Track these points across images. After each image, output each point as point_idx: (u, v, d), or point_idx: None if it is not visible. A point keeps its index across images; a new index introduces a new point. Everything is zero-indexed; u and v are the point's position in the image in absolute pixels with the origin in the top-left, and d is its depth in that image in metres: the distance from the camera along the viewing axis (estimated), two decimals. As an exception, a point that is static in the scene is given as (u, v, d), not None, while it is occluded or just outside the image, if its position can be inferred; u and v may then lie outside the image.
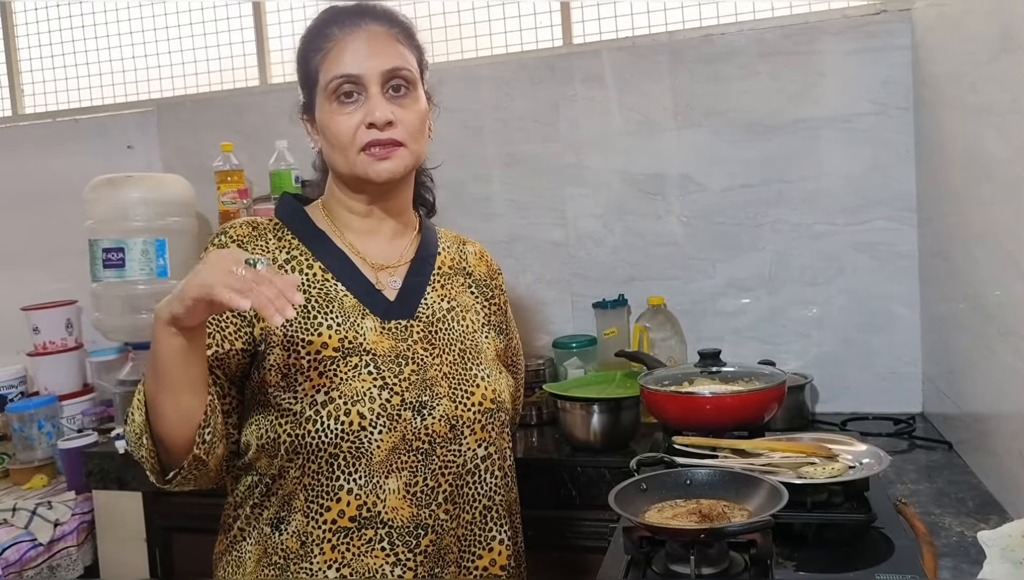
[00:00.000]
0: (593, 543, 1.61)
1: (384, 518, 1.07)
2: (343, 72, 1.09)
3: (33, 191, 2.63)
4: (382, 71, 1.10)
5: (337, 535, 1.06)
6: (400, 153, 1.11)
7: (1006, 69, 1.22)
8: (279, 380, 1.07)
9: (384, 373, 1.09)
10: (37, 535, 1.89)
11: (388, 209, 1.20)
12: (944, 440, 1.69)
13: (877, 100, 1.90)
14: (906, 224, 1.90)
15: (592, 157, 2.12)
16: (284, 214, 1.20)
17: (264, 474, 1.09)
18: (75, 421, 2.21)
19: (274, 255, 1.14)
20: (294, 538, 1.07)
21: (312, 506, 1.06)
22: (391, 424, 1.07)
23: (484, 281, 1.29)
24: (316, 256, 1.15)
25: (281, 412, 1.06)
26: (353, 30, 1.11)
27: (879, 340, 1.95)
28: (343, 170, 1.13)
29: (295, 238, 1.17)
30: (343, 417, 1.05)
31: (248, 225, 1.16)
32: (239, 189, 2.20)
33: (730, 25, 2.03)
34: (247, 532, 1.12)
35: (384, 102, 1.10)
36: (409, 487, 1.08)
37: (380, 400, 1.07)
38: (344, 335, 1.10)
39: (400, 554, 1.07)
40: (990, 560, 0.89)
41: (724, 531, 1.01)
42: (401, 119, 1.11)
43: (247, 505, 1.12)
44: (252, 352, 1.10)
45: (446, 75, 2.20)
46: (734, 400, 1.49)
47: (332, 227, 1.19)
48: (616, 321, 2.05)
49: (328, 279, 1.14)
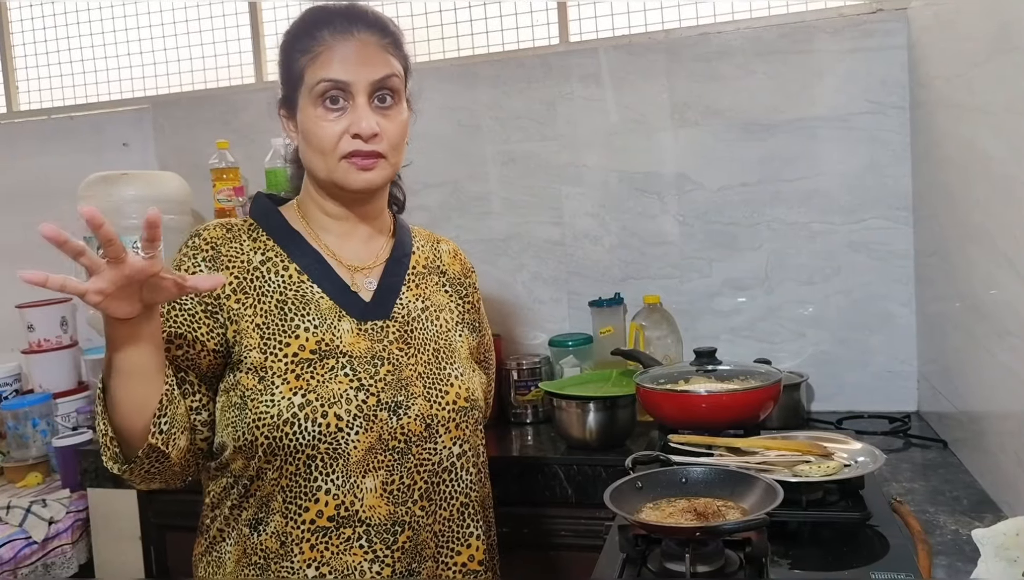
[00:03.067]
0: (589, 541, 1.61)
1: (362, 516, 1.07)
2: (331, 77, 1.08)
3: (28, 188, 2.62)
4: (371, 81, 1.09)
5: (316, 535, 1.07)
6: (381, 164, 1.11)
7: (1002, 69, 1.23)
8: (256, 383, 1.07)
9: (360, 374, 1.09)
10: (31, 533, 1.89)
11: (363, 214, 1.19)
12: (939, 439, 1.69)
13: (873, 99, 1.91)
14: (902, 223, 1.91)
15: (589, 156, 2.12)
16: (258, 214, 1.19)
17: (241, 475, 1.09)
18: (70, 419, 2.20)
19: (249, 257, 1.13)
20: (273, 538, 1.07)
21: (291, 507, 1.06)
22: (367, 425, 1.07)
23: (458, 279, 1.29)
24: (292, 258, 1.15)
25: (258, 415, 1.05)
26: (344, 36, 1.10)
27: (875, 339, 1.95)
28: (321, 175, 1.13)
29: (270, 239, 1.16)
30: (320, 419, 1.05)
31: (222, 226, 1.16)
32: (234, 187, 2.20)
33: (727, 24, 2.03)
34: (226, 533, 1.12)
35: (370, 113, 1.09)
36: (386, 486, 1.08)
37: (356, 401, 1.07)
38: (321, 337, 1.10)
39: (378, 551, 1.08)
40: (984, 558, 0.89)
41: (719, 529, 1.01)
42: (385, 130, 1.10)
43: (224, 506, 1.12)
44: (225, 354, 1.10)
45: (443, 73, 2.21)
46: (730, 399, 1.49)
47: (307, 228, 1.18)
48: (612, 319, 2.05)
49: (304, 281, 1.14)
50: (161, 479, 1.08)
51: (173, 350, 1.08)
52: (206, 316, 1.09)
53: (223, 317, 1.09)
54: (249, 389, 1.07)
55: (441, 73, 2.21)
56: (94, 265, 0.86)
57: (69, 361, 2.35)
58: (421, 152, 2.16)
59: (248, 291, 1.11)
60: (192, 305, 1.09)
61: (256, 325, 1.09)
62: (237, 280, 1.11)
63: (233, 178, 2.20)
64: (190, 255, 1.12)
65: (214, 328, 1.09)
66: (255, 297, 1.11)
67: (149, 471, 1.04)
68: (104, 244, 0.84)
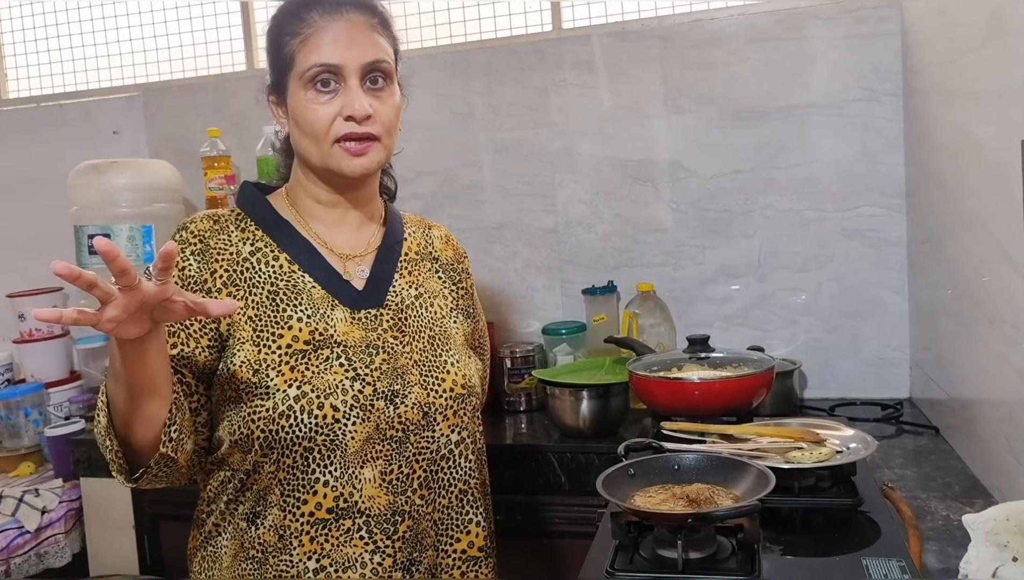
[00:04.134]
0: (581, 528, 1.61)
1: (361, 507, 1.07)
2: (322, 61, 1.07)
3: (17, 177, 2.60)
4: (363, 63, 1.08)
5: (315, 527, 1.06)
6: (375, 148, 1.10)
7: (994, 56, 1.22)
8: (250, 376, 1.06)
9: (355, 364, 1.08)
10: (24, 523, 1.88)
11: (355, 199, 1.18)
12: (931, 425, 1.70)
13: (867, 87, 1.90)
14: (895, 211, 1.91)
15: (582, 143, 2.12)
16: (245, 204, 1.18)
17: (237, 469, 1.08)
18: (62, 408, 2.19)
19: (238, 248, 1.12)
20: (271, 532, 1.07)
21: (289, 500, 1.06)
22: (364, 415, 1.06)
23: (451, 265, 1.29)
24: (282, 247, 1.13)
25: (253, 408, 1.05)
26: (333, 17, 1.09)
27: (867, 326, 1.96)
28: (314, 161, 1.11)
29: (258, 229, 1.15)
30: (316, 411, 1.04)
31: (209, 218, 1.14)
32: (226, 175, 2.19)
33: (720, 11, 2.02)
34: (222, 527, 1.12)
35: (363, 94, 1.08)
36: (384, 475, 1.08)
37: (353, 391, 1.06)
38: (315, 327, 1.09)
39: (378, 541, 1.07)
40: (975, 543, 0.90)
41: (711, 516, 1.01)
42: (378, 112, 1.09)
43: (221, 500, 1.11)
44: (219, 348, 1.09)
45: (435, 61, 2.19)
46: (723, 386, 1.49)
47: (296, 216, 1.17)
48: (606, 307, 2.05)
49: (295, 271, 1.13)
50: (168, 481, 1.07)
51: (168, 349, 1.07)
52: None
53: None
54: (244, 382, 1.06)
55: (434, 60, 2.19)
56: (106, 296, 0.83)
57: (61, 350, 2.34)
58: (414, 140, 2.15)
59: (239, 284, 1.10)
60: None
61: (248, 317, 1.08)
62: (227, 273, 1.10)
63: (225, 166, 2.19)
64: (179, 249, 1.11)
65: (206, 324, 1.08)
66: (246, 289, 1.10)
67: (157, 476, 1.03)
68: (118, 275, 0.82)
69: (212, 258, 1.10)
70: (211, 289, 1.09)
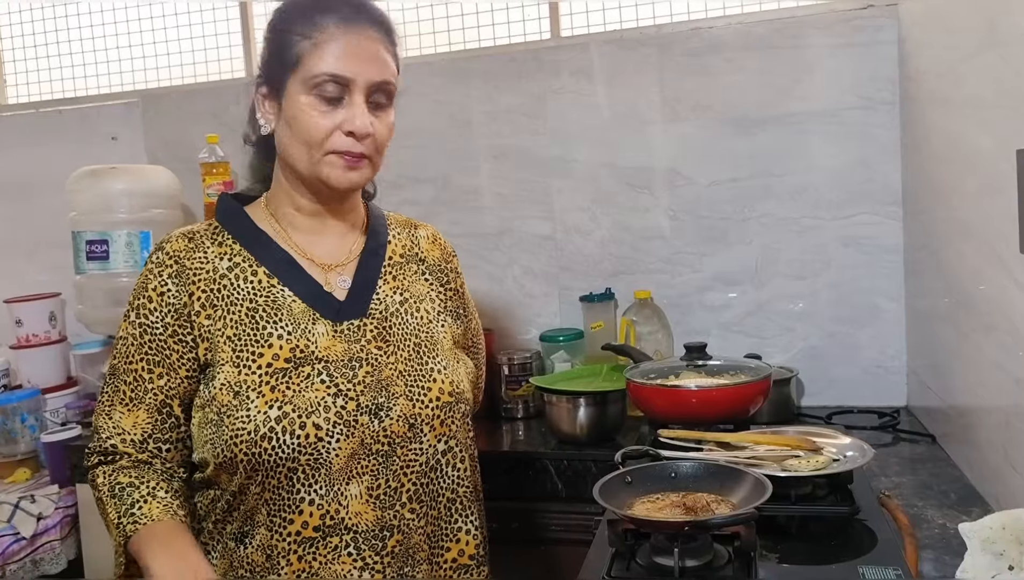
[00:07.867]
0: (578, 536, 1.61)
1: (348, 524, 1.05)
2: (332, 72, 1.05)
3: (16, 182, 2.60)
4: (372, 81, 1.07)
5: (303, 546, 1.05)
6: (365, 164, 1.09)
7: (990, 63, 1.23)
8: (231, 399, 1.04)
9: (337, 379, 1.06)
10: (20, 529, 1.87)
11: (337, 210, 1.17)
12: (928, 433, 1.70)
13: (864, 95, 1.91)
14: (891, 218, 1.91)
15: (579, 150, 2.12)
16: (222, 217, 1.16)
17: (225, 489, 1.08)
18: (58, 414, 2.19)
19: (215, 265, 1.11)
20: (259, 552, 1.06)
21: (275, 520, 1.05)
22: (348, 431, 1.05)
23: (438, 266, 1.25)
24: (260, 261, 1.11)
25: (235, 432, 1.03)
26: (350, 28, 1.06)
27: (864, 334, 1.96)
28: (301, 168, 1.09)
29: (236, 242, 1.13)
30: (299, 431, 1.02)
31: (184, 237, 1.13)
32: (224, 181, 2.19)
33: (718, 19, 2.03)
34: (211, 546, 1.11)
35: (366, 112, 1.07)
36: (371, 491, 1.06)
37: (335, 408, 1.04)
38: (295, 344, 1.07)
39: (367, 558, 1.06)
40: (971, 552, 0.90)
41: (708, 523, 1.01)
42: (377, 132, 1.08)
43: (210, 520, 1.11)
44: (199, 374, 1.09)
45: (434, 68, 2.20)
46: (720, 394, 1.49)
47: (276, 227, 1.15)
48: (603, 314, 2.05)
49: (274, 285, 1.10)
50: None
51: (155, 380, 1.08)
52: (175, 342, 1.08)
53: (194, 336, 1.07)
54: (224, 405, 1.04)
55: (432, 67, 2.20)
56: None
57: (58, 356, 2.34)
58: (412, 147, 2.17)
59: (216, 304, 1.08)
60: (162, 331, 1.08)
61: (227, 337, 1.07)
62: (205, 294, 1.09)
63: (223, 172, 2.20)
64: (156, 272, 1.10)
65: (183, 354, 1.08)
66: (224, 308, 1.08)
67: None
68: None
69: (189, 280, 1.09)
70: (191, 312, 1.08)
